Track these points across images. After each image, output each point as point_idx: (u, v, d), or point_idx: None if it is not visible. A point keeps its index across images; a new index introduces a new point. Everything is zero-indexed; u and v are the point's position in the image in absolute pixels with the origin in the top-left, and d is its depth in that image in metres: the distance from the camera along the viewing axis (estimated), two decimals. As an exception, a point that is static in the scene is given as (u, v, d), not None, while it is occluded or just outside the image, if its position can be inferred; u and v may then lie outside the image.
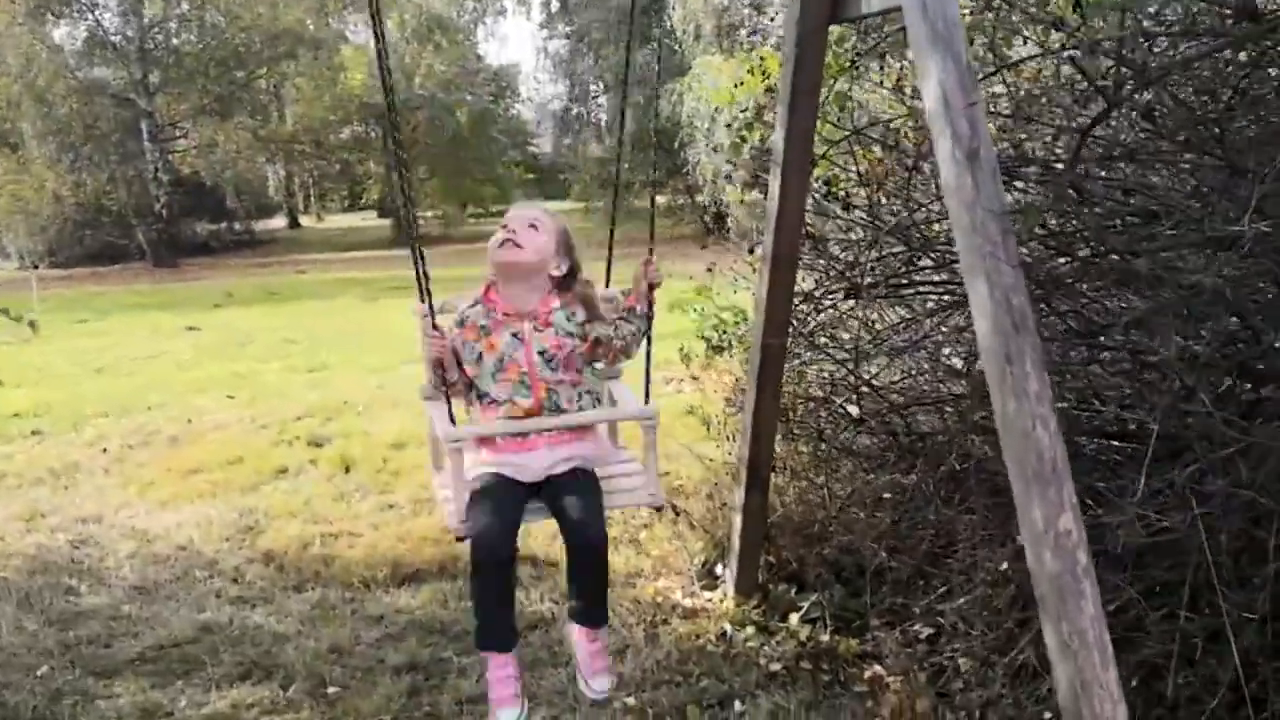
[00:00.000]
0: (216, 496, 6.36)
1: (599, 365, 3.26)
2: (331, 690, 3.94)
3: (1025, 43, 3.28)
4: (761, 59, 4.09)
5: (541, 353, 3.09)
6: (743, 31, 28.81)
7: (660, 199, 35.74)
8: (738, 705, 3.72)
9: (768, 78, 4.11)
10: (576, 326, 3.14)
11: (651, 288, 3.14)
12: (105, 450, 7.65)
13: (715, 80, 23.75)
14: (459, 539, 2.94)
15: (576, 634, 3.14)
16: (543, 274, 3.15)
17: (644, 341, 3.17)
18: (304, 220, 44.19)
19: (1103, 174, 2.87)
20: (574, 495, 3.00)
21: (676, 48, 28.24)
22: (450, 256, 26.74)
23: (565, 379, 3.11)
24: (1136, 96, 2.58)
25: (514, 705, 2.98)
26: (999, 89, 3.35)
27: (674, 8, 27.10)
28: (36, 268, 28.14)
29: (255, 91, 34.97)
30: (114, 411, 9.00)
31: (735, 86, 4.27)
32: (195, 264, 30.67)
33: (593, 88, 35.52)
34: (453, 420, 2.98)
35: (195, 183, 32.32)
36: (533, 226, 3.13)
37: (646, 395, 3.14)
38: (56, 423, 8.66)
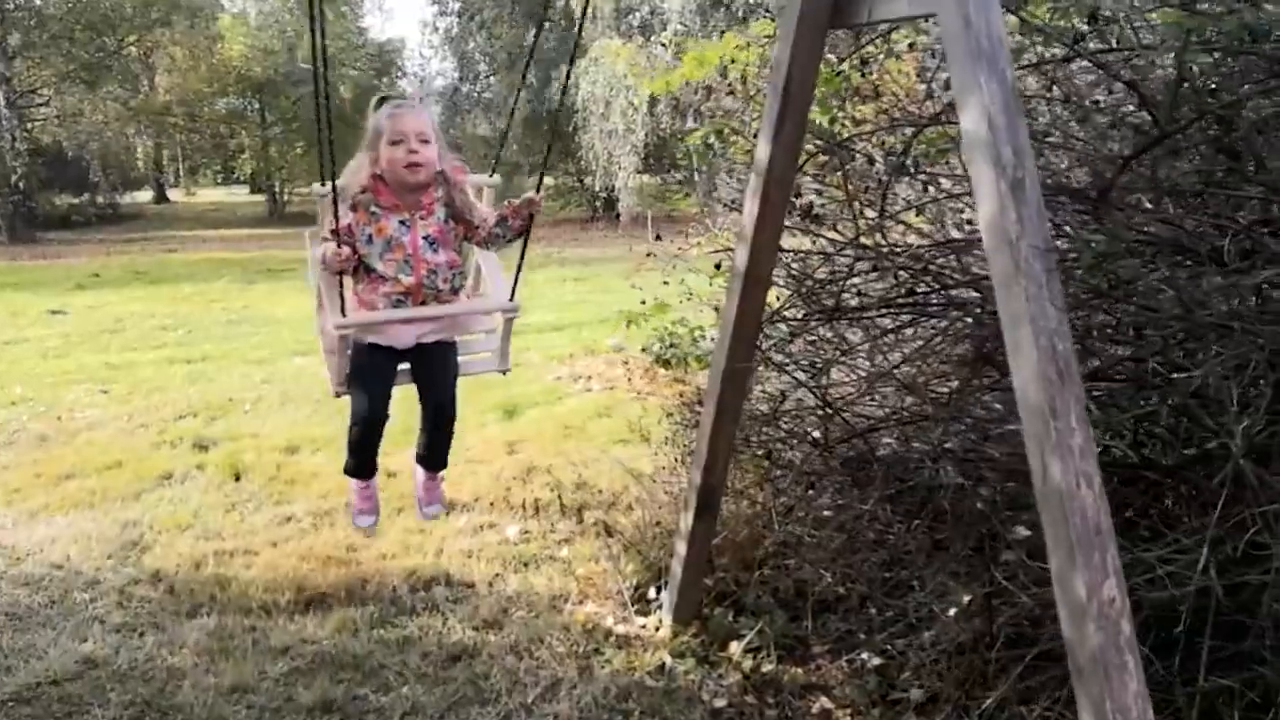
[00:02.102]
0: (94, 507, 5.83)
1: (467, 244, 3.72)
2: (236, 735, 3.57)
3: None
4: (733, 59, 3.81)
5: (425, 237, 3.51)
6: (638, 15, 28.65)
7: (550, 181, 35.36)
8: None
9: (740, 75, 3.84)
10: (453, 212, 3.57)
11: (531, 216, 3.59)
12: (-37, 453, 6.99)
13: (612, 66, 23.49)
14: (337, 394, 3.59)
15: (420, 474, 3.98)
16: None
17: (507, 244, 3.64)
18: (172, 194, 42.34)
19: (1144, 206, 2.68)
20: (434, 364, 3.61)
21: (570, 29, 27.94)
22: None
23: (443, 259, 3.53)
24: (1200, 124, 2.39)
25: (372, 515, 3.94)
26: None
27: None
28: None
29: (126, 59, 33.20)
30: (-29, 406, 8.27)
31: (666, 84, 3.98)
32: (55, 239, 28.98)
33: (482, 67, 34.78)
34: (343, 305, 3.38)
35: (55, 153, 30.55)
36: (424, 141, 3.45)
37: (513, 292, 3.61)
38: (-95, 418, 7.92)
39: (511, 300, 3.62)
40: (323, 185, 3.25)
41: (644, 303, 3.94)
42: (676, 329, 4.36)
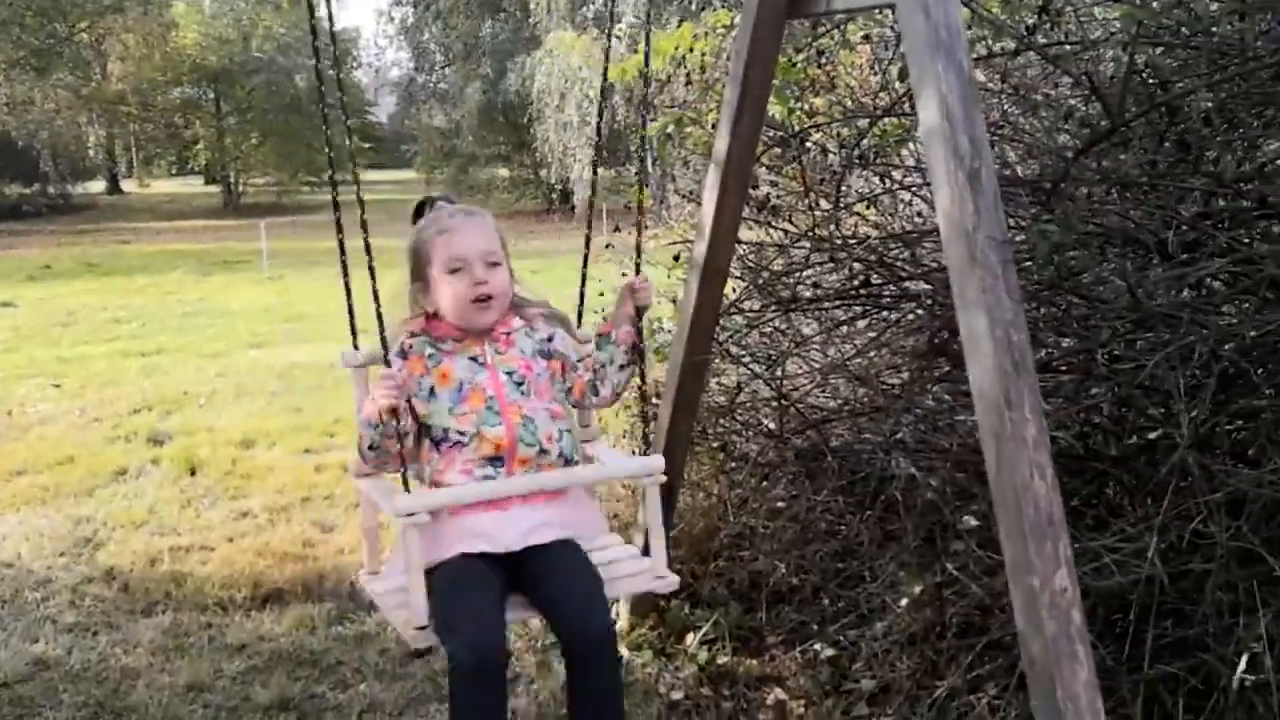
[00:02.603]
0: (46, 503, 5.73)
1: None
2: (192, 735, 3.51)
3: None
4: (691, 48, 3.78)
5: (509, 374, 2.60)
6: (591, 8, 28.56)
7: (504, 172, 35.12)
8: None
9: (697, 68, 3.83)
10: (542, 345, 2.69)
11: (640, 312, 2.67)
12: (-90, 448, 6.85)
13: (567, 57, 23.42)
14: (418, 652, 2.55)
15: None
16: None
17: (626, 377, 2.68)
18: (126, 185, 41.70)
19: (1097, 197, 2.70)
20: (564, 572, 2.42)
21: (528, 21, 27.86)
22: (285, 228, 25.73)
23: (540, 407, 2.60)
24: (1150, 117, 2.40)
25: None
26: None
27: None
28: None
29: (77, 46, 32.60)
30: (-81, 401, 8.11)
31: (623, 70, 3.94)
32: (5, 230, 28.42)
33: (438, 57, 34.54)
34: (405, 486, 2.38)
35: (4, 142, 29.97)
36: (494, 264, 2.62)
37: (646, 445, 2.78)
38: None
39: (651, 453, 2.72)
40: (354, 346, 2.51)
41: (601, 294, 3.90)
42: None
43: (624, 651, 3.94)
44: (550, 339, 2.70)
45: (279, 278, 17.00)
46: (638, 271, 2.75)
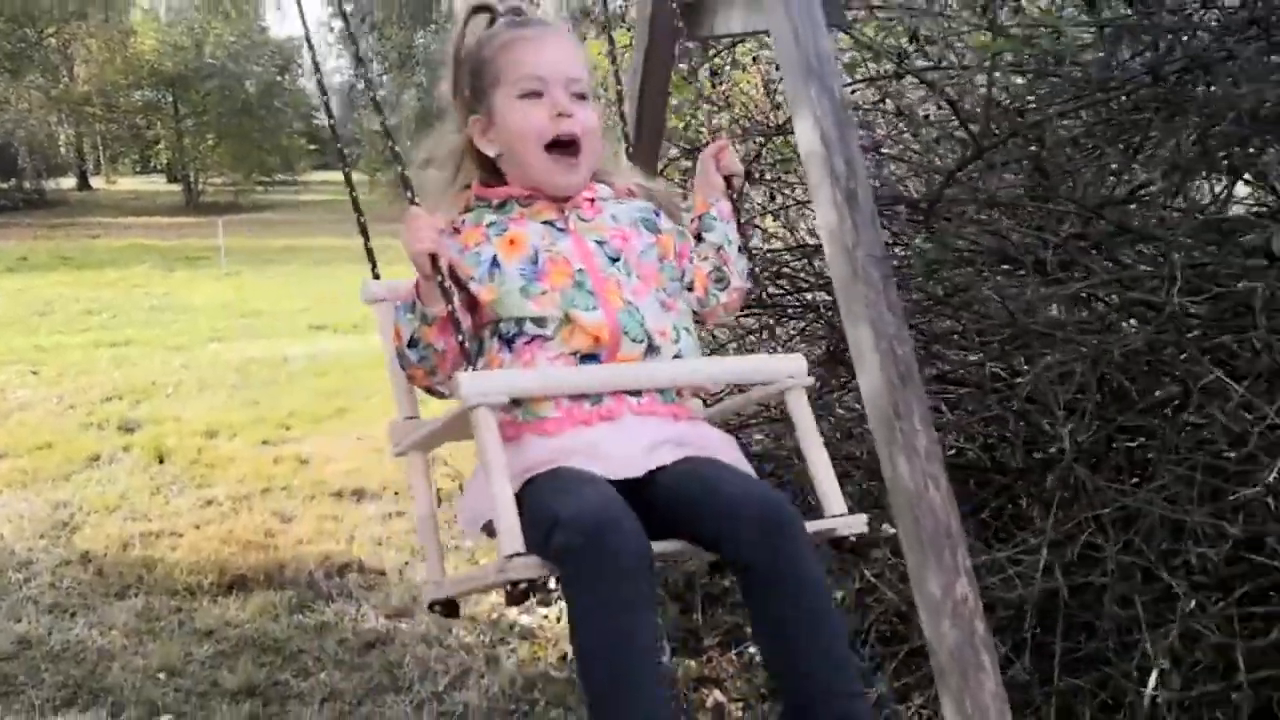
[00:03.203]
0: (27, 486, 5.47)
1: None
2: (165, 718, 3.39)
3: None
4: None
5: (600, 243, 1.71)
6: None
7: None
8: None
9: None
10: (645, 212, 1.79)
11: (729, 181, 1.91)
12: (-107, 433, 6.52)
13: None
14: (518, 595, 1.41)
15: None
16: None
17: (747, 265, 1.92)
18: (95, 182, 40.14)
19: (976, 218, 2.70)
20: (716, 480, 1.52)
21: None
22: (243, 225, 24.95)
23: (647, 291, 1.69)
24: (1009, 144, 2.40)
25: None
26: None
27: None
28: None
29: (46, 50, 31.32)
30: (-99, 386, 7.71)
31: None
32: (-23, 222, 27.22)
33: (375, 66, 33.84)
34: (472, 363, 1.58)
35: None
36: (580, 96, 1.71)
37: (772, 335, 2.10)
38: None
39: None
40: (374, 276, 1.83)
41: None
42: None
43: (568, 649, 3.85)
44: (656, 212, 1.81)
45: (236, 274, 16.45)
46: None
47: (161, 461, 6.00)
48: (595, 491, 1.43)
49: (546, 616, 4.13)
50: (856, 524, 1.64)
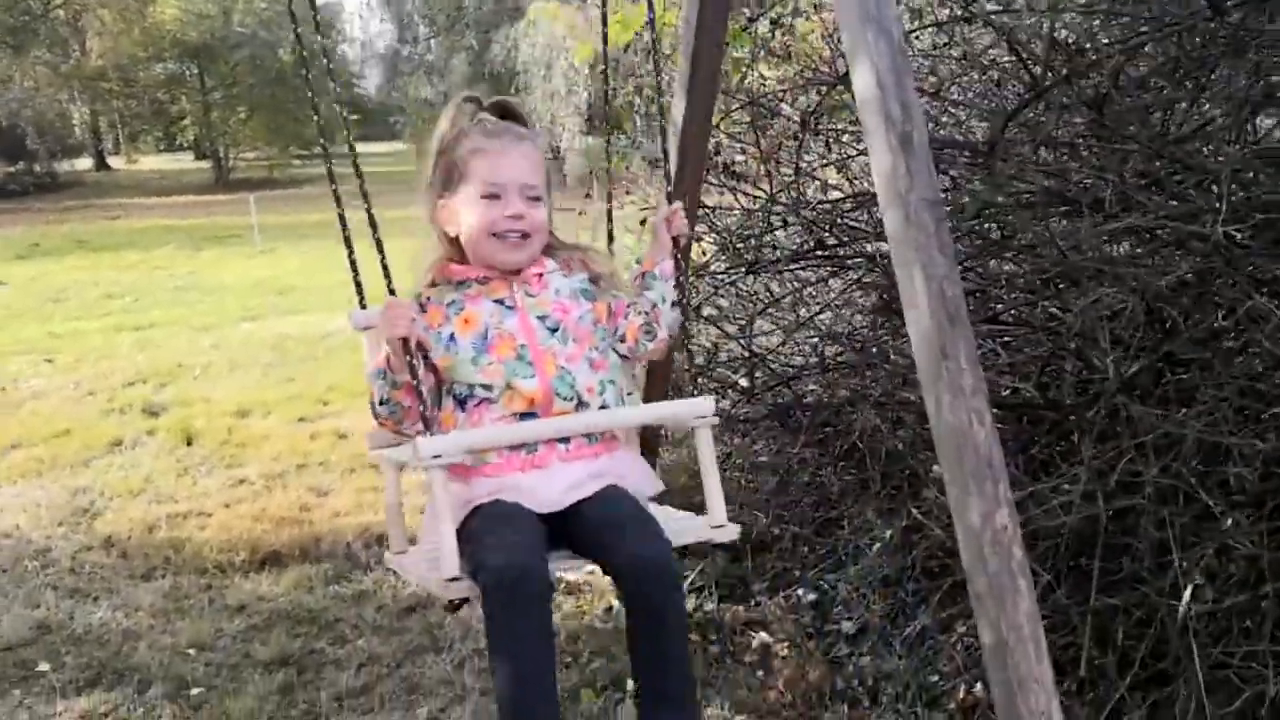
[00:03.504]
0: (43, 475, 5.84)
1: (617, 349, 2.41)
2: (194, 692, 3.63)
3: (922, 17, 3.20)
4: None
5: (542, 318, 2.26)
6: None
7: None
8: (631, 684, 3.60)
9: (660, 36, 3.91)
10: (583, 286, 2.34)
11: (677, 243, 2.42)
12: (-96, 426, 6.96)
13: (551, 26, 23.32)
14: (453, 606, 2.18)
15: None
16: None
17: (679, 316, 2.43)
18: (114, 162, 41.49)
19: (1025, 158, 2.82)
20: (618, 513, 2.12)
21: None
22: (277, 201, 25.68)
23: (579, 354, 2.25)
24: (1072, 84, 2.51)
25: None
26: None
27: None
28: None
29: (53, 23, 32.35)
30: (-86, 380, 8.20)
31: (625, 48, 4.04)
32: (-10, 209, 28.39)
33: (423, 30, 34.34)
34: (429, 429, 2.10)
35: (-13, 121, 29.87)
36: (535, 199, 2.29)
37: (694, 386, 2.42)
38: None
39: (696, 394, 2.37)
40: (360, 306, 2.32)
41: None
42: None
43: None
44: (594, 280, 2.35)
45: (271, 251, 17.04)
46: (610, 240, 2.58)
47: (189, 443, 6.32)
48: (515, 536, 2.04)
49: (593, 572, 4.31)
50: (731, 532, 2.39)
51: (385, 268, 2.15)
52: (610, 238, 2.64)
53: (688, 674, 2.16)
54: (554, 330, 2.26)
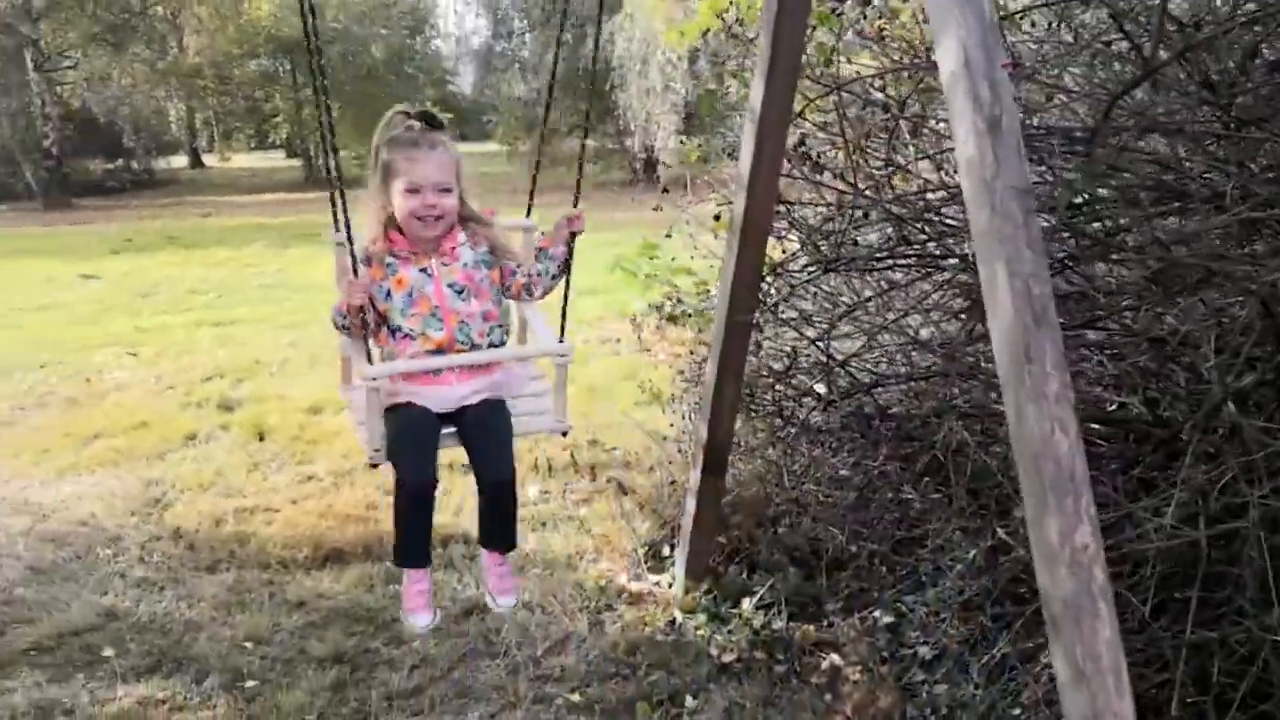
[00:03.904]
0: (119, 465, 6.04)
1: (506, 300, 3.38)
2: (249, 684, 3.74)
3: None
4: (731, 2, 3.82)
5: (451, 285, 3.17)
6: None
7: (589, 143, 35.33)
8: (689, 700, 3.58)
9: (741, 24, 3.87)
10: (484, 256, 3.24)
11: (573, 236, 3.26)
12: (-5, 414, 7.25)
13: (649, 21, 23.33)
14: (372, 465, 3.14)
15: (486, 557, 3.36)
16: None
17: (555, 283, 3.30)
18: (208, 159, 42.76)
19: (1132, 146, 2.67)
20: (484, 431, 3.16)
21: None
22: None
23: (476, 309, 3.19)
24: (1183, 60, 2.38)
25: (427, 613, 3.26)
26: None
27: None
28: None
29: (152, 20, 33.43)
30: (4, 370, 8.51)
31: (704, 33, 4.00)
32: (90, 205, 29.39)
33: (517, 24, 34.69)
34: (369, 358, 3.03)
35: (87, 118, 30.89)
36: (444, 190, 3.14)
37: (562, 333, 3.23)
38: (-59, 383, 8.19)
39: (561, 341, 3.19)
40: (335, 230, 2.94)
41: (654, 259, 4.02)
42: (678, 282, 4.39)
43: (677, 614, 4.06)
44: (491, 250, 3.25)
45: (358, 250, 17.31)
46: (575, 204, 3.25)
47: (261, 439, 6.47)
48: (419, 445, 3.06)
49: (659, 583, 4.31)
50: (567, 427, 3.33)
51: (353, 255, 2.93)
52: (575, 202, 3.26)
53: (512, 527, 3.26)
54: (460, 292, 3.16)
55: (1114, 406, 3.18)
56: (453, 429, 3.17)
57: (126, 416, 7.00)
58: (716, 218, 3.78)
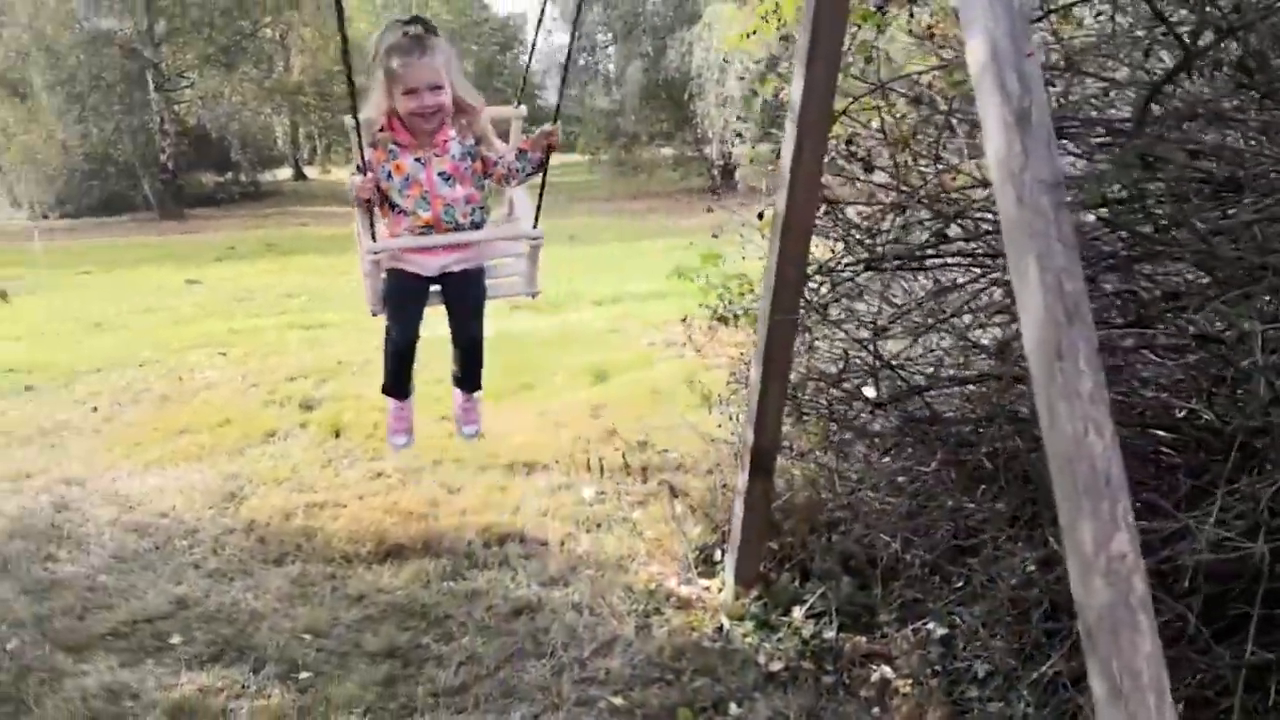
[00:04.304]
0: (202, 460, 6.09)
1: (487, 182, 3.69)
2: (303, 675, 3.69)
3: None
4: (777, 4, 3.69)
5: (440, 173, 3.52)
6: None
7: (668, 151, 35.29)
8: (733, 708, 3.44)
9: (783, 25, 3.74)
10: (470, 148, 3.57)
11: (549, 148, 3.52)
12: (95, 409, 7.37)
13: (726, 30, 23.19)
14: (373, 314, 3.65)
15: (457, 395, 4.03)
16: None
17: (529, 178, 3.63)
18: (310, 172, 43.61)
19: (1174, 137, 2.48)
20: (462, 296, 3.67)
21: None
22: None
23: (460, 194, 3.54)
24: (1223, 46, 2.20)
25: (406, 435, 4.02)
26: (1042, 35, 2.97)
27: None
28: (46, 218, 27.91)
29: (261, 41, 34.26)
30: (106, 367, 8.71)
31: (748, 36, 3.88)
32: (200, 215, 30.22)
33: (600, 37, 34.76)
34: (373, 236, 3.46)
35: (201, 134, 31.76)
36: (437, 88, 3.41)
37: (535, 219, 3.57)
38: (50, 379, 8.40)
39: (535, 227, 3.58)
40: (352, 118, 3.24)
41: (715, 267, 3.92)
42: (729, 284, 4.26)
43: (725, 621, 3.92)
44: (477, 142, 3.58)
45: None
46: (555, 119, 3.50)
47: (337, 436, 6.47)
48: (409, 309, 3.63)
49: (708, 588, 4.17)
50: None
51: (361, 150, 3.30)
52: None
53: (478, 373, 3.90)
54: (447, 180, 3.53)
55: (1182, 414, 2.97)
56: (438, 288, 3.65)
57: (213, 413, 7.07)
58: (760, 216, 3.66)
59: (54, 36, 28.39)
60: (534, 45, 4.19)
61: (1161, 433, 2.94)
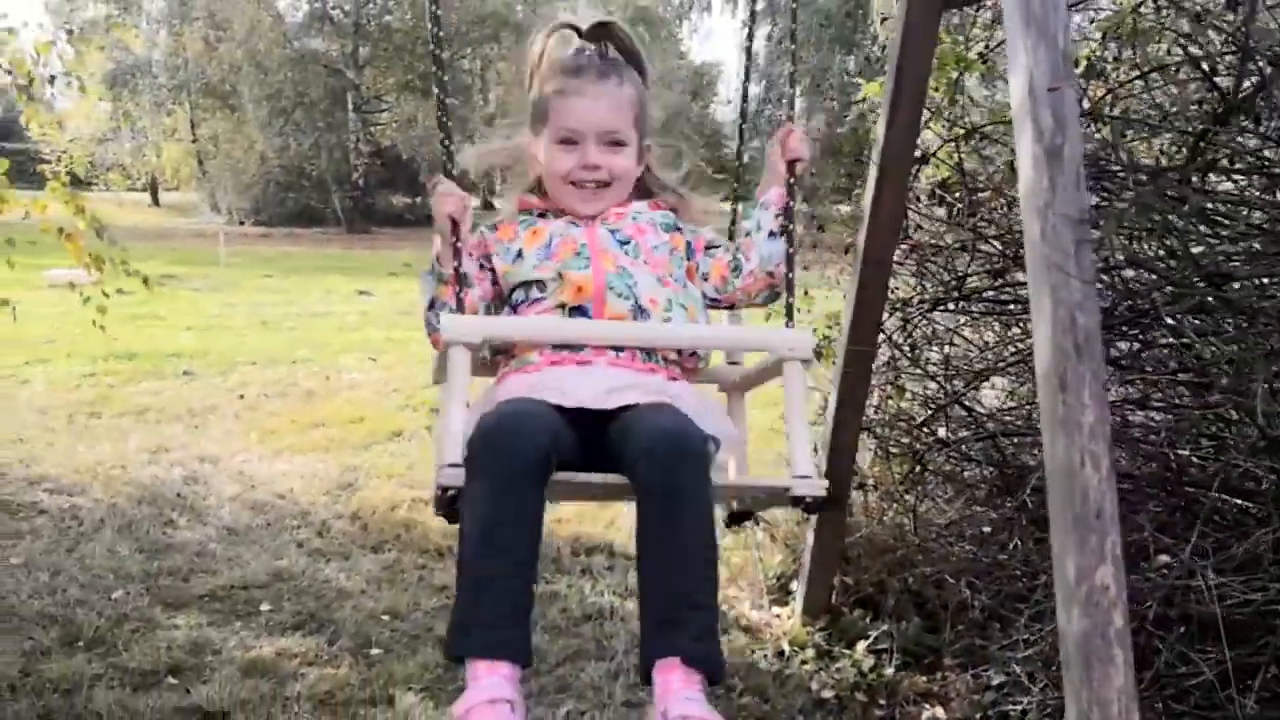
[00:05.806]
0: (329, 451, 6.48)
1: (706, 293, 2.24)
2: (374, 651, 3.89)
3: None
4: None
5: (613, 231, 2.14)
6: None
7: (844, 208, 35.42)
8: (779, 733, 3.46)
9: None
10: (665, 218, 2.21)
11: (792, 165, 2.16)
12: (242, 397, 7.92)
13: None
14: (442, 492, 1.83)
15: (659, 672, 1.77)
16: None
17: (781, 251, 2.14)
18: (497, 203, 45.33)
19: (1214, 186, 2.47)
20: (655, 417, 1.82)
21: (878, 54, 27.38)
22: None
23: (645, 268, 2.10)
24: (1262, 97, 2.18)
25: None
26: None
27: (878, 13, 26.42)
28: (242, 224, 29.92)
29: (459, 71, 35.94)
30: (262, 362, 9.34)
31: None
32: (386, 233, 31.82)
33: (787, 89, 35.05)
34: (461, 307, 1.96)
35: (393, 156, 33.48)
36: (615, 144, 2.14)
37: (789, 317, 2.09)
38: (209, 366, 9.09)
39: (789, 323, 2.10)
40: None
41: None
42: (820, 325, 4.29)
43: (786, 646, 3.94)
44: (677, 211, 2.24)
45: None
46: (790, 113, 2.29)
47: (458, 441, 6.74)
48: (521, 408, 1.82)
49: (778, 615, 4.20)
50: (816, 488, 1.95)
51: (449, 154, 2.07)
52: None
53: (704, 619, 1.74)
54: (624, 243, 2.12)
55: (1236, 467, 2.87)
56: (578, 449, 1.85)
57: (350, 411, 7.51)
58: (846, 250, 3.71)
59: (266, 53, 30.64)
60: (745, 91, 2.76)
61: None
